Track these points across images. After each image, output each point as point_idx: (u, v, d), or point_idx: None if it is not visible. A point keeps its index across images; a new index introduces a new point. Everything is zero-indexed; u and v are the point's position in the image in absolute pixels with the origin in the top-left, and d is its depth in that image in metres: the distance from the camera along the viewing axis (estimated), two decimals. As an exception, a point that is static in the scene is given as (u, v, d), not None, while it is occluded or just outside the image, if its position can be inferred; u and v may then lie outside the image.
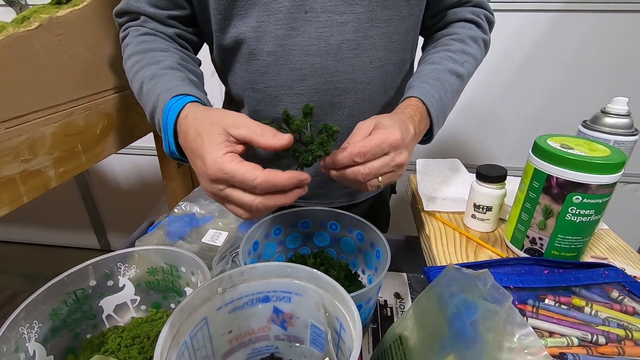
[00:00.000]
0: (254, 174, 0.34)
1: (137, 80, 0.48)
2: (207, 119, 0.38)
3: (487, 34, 0.58)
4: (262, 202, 0.35)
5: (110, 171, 1.53)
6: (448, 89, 0.51)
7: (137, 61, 0.49)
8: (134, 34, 0.52)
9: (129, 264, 0.44)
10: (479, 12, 0.57)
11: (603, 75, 1.09)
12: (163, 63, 0.48)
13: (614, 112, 0.49)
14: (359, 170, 0.38)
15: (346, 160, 0.38)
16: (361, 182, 0.39)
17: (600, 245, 0.51)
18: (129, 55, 0.50)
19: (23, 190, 0.47)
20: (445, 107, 0.51)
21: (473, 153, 1.26)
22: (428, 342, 0.32)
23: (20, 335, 0.34)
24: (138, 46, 0.50)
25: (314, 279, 0.34)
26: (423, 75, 0.51)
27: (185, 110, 0.41)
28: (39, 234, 1.75)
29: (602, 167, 0.38)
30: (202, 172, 0.37)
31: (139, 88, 0.48)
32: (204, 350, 0.34)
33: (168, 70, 0.47)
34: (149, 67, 0.48)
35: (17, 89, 0.46)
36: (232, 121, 0.37)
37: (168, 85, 0.44)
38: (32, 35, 0.47)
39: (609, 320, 0.36)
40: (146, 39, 0.51)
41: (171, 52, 0.51)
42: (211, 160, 0.35)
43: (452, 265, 0.32)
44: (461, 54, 0.54)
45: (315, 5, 0.47)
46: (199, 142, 0.37)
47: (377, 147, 0.38)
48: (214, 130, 0.36)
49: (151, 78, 0.46)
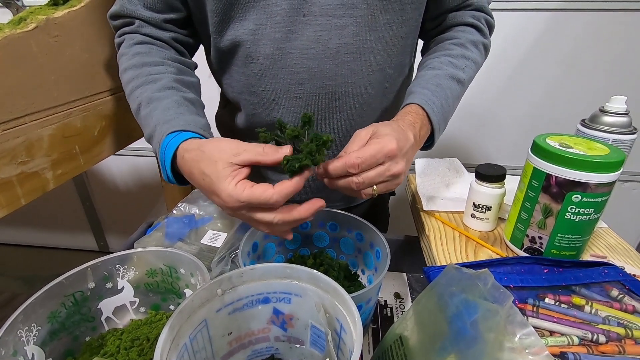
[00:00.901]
0: (268, 193, 0.36)
1: (133, 99, 0.49)
2: (206, 158, 0.39)
3: (487, 39, 0.58)
4: (281, 218, 0.38)
5: (108, 173, 1.53)
6: (449, 95, 0.51)
7: (132, 77, 0.49)
8: (129, 42, 0.52)
9: (128, 265, 0.44)
10: (480, 16, 0.57)
11: (601, 74, 1.09)
12: (159, 83, 0.48)
13: (613, 111, 0.49)
14: (352, 180, 0.39)
15: (340, 170, 0.39)
16: (354, 190, 0.40)
17: (599, 244, 0.51)
18: (125, 69, 0.50)
19: (20, 192, 0.47)
20: (446, 114, 0.51)
21: (472, 153, 1.27)
22: (429, 342, 0.32)
23: (19, 338, 0.34)
24: (133, 59, 0.50)
25: (313, 279, 0.34)
26: (424, 81, 0.51)
27: (180, 151, 0.42)
28: (37, 236, 1.74)
29: (601, 166, 0.38)
30: (222, 204, 0.39)
31: (136, 108, 0.48)
32: (203, 352, 0.34)
33: (165, 91, 0.48)
34: (145, 86, 0.48)
35: (13, 91, 0.45)
36: (231, 151, 0.38)
37: (165, 116, 0.45)
38: (29, 36, 0.46)
39: (609, 318, 0.36)
40: (141, 49, 0.51)
41: (166, 66, 0.51)
42: (226, 195, 0.37)
43: (452, 265, 0.32)
44: (462, 59, 0.53)
45: (314, 8, 0.47)
46: (208, 181, 0.39)
47: (372, 157, 0.38)
48: (217, 166, 0.38)
49: (148, 102, 0.47)
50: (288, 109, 0.53)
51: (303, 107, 0.53)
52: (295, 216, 0.38)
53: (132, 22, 0.52)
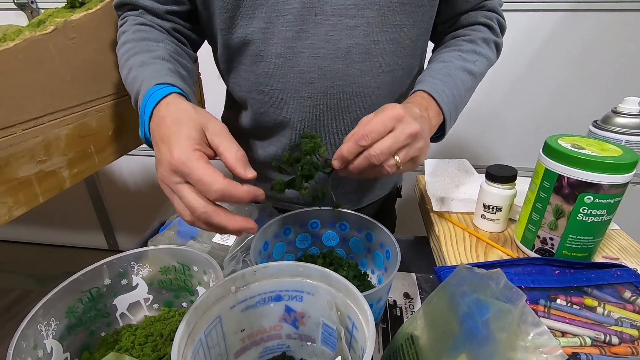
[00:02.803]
0: (215, 178, 0.33)
1: (126, 66, 0.48)
2: (190, 113, 0.37)
3: (499, 37, 0.58)
4: (208, 214, 0.34)
5: (118, 172, 1.55)
6: (460, 85, 0.50)
7: (129, 48, 0.49)
8: (132, 22, 0.52)
9: (142, 263, 0.45)
10: (492, 16, 0.57)
11: (611, 75, 1.08)
12: (154, 52, 0.47)
13: (626, 112, 0.49)
14: (369, 153, 0.37)
15: (353, 148, 0.37)
16: (376, 165, 0.38)
17: (611, 246, 0.50)
18: (124, 42, 0.50)
19: (39, 190, 0.48)
20: (458, 103, 0.50)
21: (481, 154, 1.26)
22: (440, 341, 0.32)
23: (39, 332, 0.35)
24: (133, 34, 0.50)
25: (325, 278, 0.35)
26: (433, 72, 0.50)
27: (168, 99, 0.40)
28: (48, 234, 1.77)
29: (614, 167, 0.38)
30: (165, 158, 0.35)
31: (127, 74, 0.47)
32: (217, 348, 0.34)
33: (158, 60, 0.46)
34: (140, 54, 0.47)
35: (33, 92, 0.47)
36: (213, 127, 0.37)
37: (155, 73, 0.44)
38: (48, 38, 0.48)
39: (621, 320, 0.36)
40: (142, 28, 0.52)
41: (165, 44, 0.51)
42: (179, 150, 0.34)
43: (463, 265, 0.33)
44: (472, 54, 0.53)
45: (326, 8, 0.47)
46: (173, 130, 0.36)
47: (380, 124, 0.37)
48: (192, 126, 0.36)
49: (140, 65, 0.46)
50: (297, 108, 0.54)
51: (312, 107, 0.53)
52: (220, 221, 0.34)
53: (136, 9, 0.53)
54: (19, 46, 0.44)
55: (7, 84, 0.43)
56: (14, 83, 0.44)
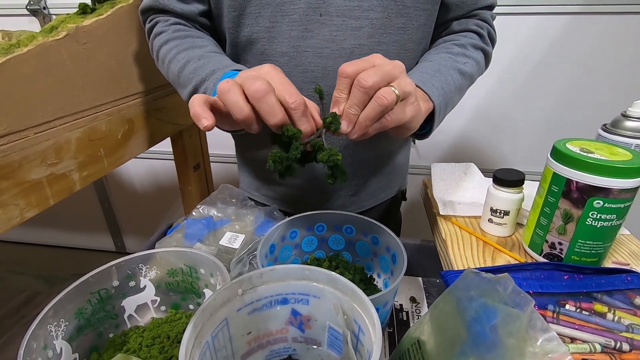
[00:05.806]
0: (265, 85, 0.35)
1: (178, 59, 0.49)
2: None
3: (489, 47, 0.58)
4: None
5: (126, 175, 1.57)
6: (450, 81, 0.50)
7: (176, 45, 0.51)
8: (165, 23, 0.54)
9: (150, 265, 0.45)
10: (483, 25, 0.57)
11: (619, 78, 1.07)
12: (207, 48, 0.50)
13: (635, 116, 0.48)
14: (356, 86, 0.36)
15: (343, 85, 0.37)
16: (370, 99, 0.36)
17: (622, 251, 0.50)
18: (165, 40, 0.52)
19: (50, 193, 0.49)
20: (447, 98, 0.49)
21: (488, 157, 1.25)
22: (447, 346, 0.32)
23: (49, 332, 0.36)
24: (174, 33, 0.52)
25: (332, 281, 0.35)
26: (422, 68, 0.50)
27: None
28: (56, 236, 1.79)
29: (624, 171, 0.38)
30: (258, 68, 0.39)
31: (181, 66, 0.49)
32: (224, 351, 0.34)
33: (216, 53, 0.49)
34: (194, 49, 0.50)
35: (45, 96, 0.48)
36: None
37: (225, 61, 0.47)
38: (60, 44, 0.49)
39: (632, 327, 0.36)
40: (180, 27, 0.53)
41: (208, 40, 0.53)
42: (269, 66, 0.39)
43: (470, 269, 0.32)
44: (462, 56, 0.54)
45: (331, 8, 0.48)
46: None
47: (362, 61, 0.37)
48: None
49: (199, 58, 0.48)
50: None
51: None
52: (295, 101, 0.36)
53: (163, 12, 0.54)
54: (32, 52, 0.45)
55: (20, 88, 0.44)
56: (27, 88, 0.45)
